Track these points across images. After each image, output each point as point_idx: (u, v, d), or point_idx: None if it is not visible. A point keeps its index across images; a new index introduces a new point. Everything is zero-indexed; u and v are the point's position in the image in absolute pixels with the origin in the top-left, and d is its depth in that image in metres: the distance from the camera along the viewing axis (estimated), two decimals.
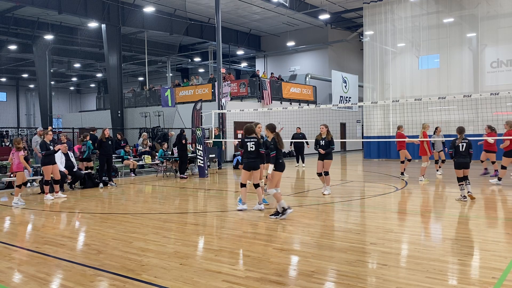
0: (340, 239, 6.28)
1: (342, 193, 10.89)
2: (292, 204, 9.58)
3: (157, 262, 5.34)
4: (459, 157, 9.21)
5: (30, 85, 43.49)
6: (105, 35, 25.17)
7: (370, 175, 15.36)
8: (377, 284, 4.44)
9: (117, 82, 25.90)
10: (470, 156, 9.25)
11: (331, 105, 24.40)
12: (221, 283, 4.55)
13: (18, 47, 29.31)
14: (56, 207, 9.80)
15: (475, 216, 7.98)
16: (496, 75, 19.99)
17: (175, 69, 39.32)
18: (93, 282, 4.70)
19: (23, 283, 4.76)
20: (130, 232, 7.02)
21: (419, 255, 5.38)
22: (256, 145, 8.46)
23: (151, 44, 30.70)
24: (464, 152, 9.19)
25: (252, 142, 8.48)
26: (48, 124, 26.73)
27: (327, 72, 30.06)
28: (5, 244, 6.46)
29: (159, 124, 24.67)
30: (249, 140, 8.51)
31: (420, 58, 22.45)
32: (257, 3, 25.25)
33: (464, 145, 9.18)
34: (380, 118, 22.40)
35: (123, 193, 12.11)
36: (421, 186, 12.11)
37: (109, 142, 13.41)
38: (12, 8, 23.43)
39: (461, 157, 9.21)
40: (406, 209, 8.96)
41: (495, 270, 4.76)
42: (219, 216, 8.35)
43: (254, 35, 34.07)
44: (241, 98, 24.29)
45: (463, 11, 21.16)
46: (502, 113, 16.42)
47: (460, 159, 9.21)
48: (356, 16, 28.13)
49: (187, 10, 25.94)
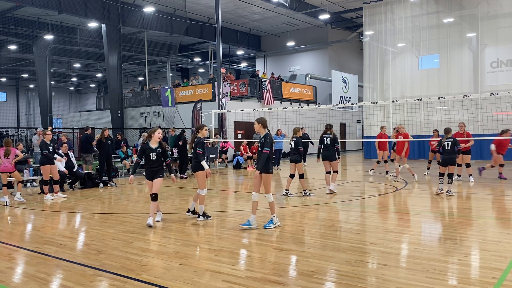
0: (340, 239, 6.28)
1: (342, 193, 10.89)
2: (292, 204, 9.60)
3: (157, 262, 5.34)
4: (446, 155, 10.07)
5: (30, 85, 43.47)
6: (105, 35, 25.16)
7: (370, 175, 15.35)
8: (377, 284, 4.43)
9: (117, 82, 25.88)
10: (457, 153, 10.07)
11: (331, 105, 24.40)
12: (221, 283, 4.54)
13: (18, 47, 29.29)
14: (56, 207, 9.80)
15: (475, 216, 7.98)
16: (496, 75, 19.98)
17: (175, 69, 39.31)
18: (93, 282, 4.70)
19: (23, 283, 4.76)
20: (130, 232, 7.02)
21: (419, 255, 5.38)
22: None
23: (151, 44, 30.68)
24: (449, 150, 9.97)
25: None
26: (48, 124, 26.71)
27: (327, 72, 30.05)
28: (5, 244, 6.46)
29: (159, 124, 24.66)
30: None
31: (420, 58, 22.44)
32: (257, 3, 25.24)
33: (450, 143, 9.97)
34: (380, 118, 22.38)
35: (123, 193, 12.10)
36: (421, 186, 12.11)
37: (108, 142, 13.39)
38: (12, 8, 23.42)
39: (447, 154, 10.01)
40: (406, 209, 8.96)
41: (495, 270, 4.76)
42: (219, 216, 8.35)
43: (254, 35, 34.07)
44: (241, 98, 24.29)
45: (463, 11, 21.15)
46: (502, 113, 16.42)
47: (446, 156, 10.03)
48: (356, 16, 28.12)
49: (187, 10, 25.92)
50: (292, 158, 10.46)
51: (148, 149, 7.61)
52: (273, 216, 7.13)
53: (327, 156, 10.62)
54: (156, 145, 7.65)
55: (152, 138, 7.63)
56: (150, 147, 7.62)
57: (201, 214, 7.91)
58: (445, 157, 10.03)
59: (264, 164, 6.97)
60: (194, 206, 8.16)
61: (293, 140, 10.38)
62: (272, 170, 7.10)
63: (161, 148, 7.65)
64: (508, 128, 13.01)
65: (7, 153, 10.28)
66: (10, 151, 10.33)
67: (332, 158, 10.57)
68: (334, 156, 10.58)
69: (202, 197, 7.90)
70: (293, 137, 10.42)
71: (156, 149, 7.61)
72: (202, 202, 7.92)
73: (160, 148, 7.64)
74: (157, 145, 7.65)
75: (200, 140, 7.91)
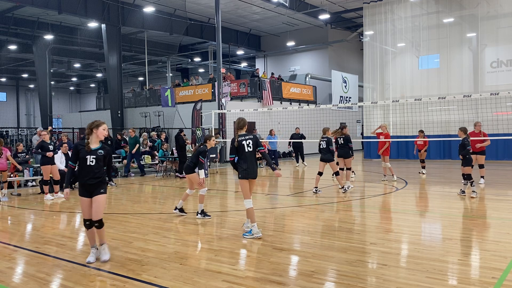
0: (340, 239, 6.28)
1: (342, 193, 10.88)
2: (292, 203, 9.60)
3: (157, 262, 5.34)
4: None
5: (30, 85, 43.45)
6: (105, 35, 25.16)
7: (370, 175, 15.35)
8: (377, 284, 4.43)
9: (117, 82, 25.88)
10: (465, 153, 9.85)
11: (331, 105, 24.38)
12: (221, 283, 4.54)
13: (18, 47, 29.28)
14: (56, 207, 9.80)
15: (475, 216, 7.98)
16: (496, 75, 19.99)
17: (175, 69, 39.29)
18: (93, 282, 4.70)
19: (23, 283, 4.76)
20: (130, 232, 7.02)
21: (419, 255, 5.38)
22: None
23: (151, 44, 30.69)
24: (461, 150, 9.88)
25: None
26: (48, 124, 26.70)
27: (327, 72, 30.05)
28: (5, 244, 6.46)
29: (159, 124, 24.67)
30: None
31: (420, 58, 22.45)
32: (257, 3, 25.24)
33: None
34: (380, 118, 22.38)
35: (123, 193, 12.10)
36: (421, 186, 12.11)
37: (108, 142, 13.39)
38: (12, 8, 23.42)
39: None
40: (406, 209, 8.96)
41: (495, 270, 4.76)
42: (219, 216, 8.35)
43: (254, 35, 34.07)
44: (241, 98, 24.29)
45: (463, 11, 21.16)
46: (502, 113, 16.42)
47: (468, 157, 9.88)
48: (356, 16, 28.13)
49: (187, 10, 25.93)
50: (323, 157, 10.74)
51: (84, 149, 5.38)
52: (253, 225, 6.48)
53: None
54: (98, 145, 5.48)
55: (94, 135, 5.46)
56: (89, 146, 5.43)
57: (200, 212, 7.98)
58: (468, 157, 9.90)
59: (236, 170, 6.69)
60: (181, 204, 8.32)
61: (323, 140, 10.74)
62: (242, 176, 6.53)
63: (103, 151, 5.48)
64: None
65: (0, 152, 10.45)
66: (2, 150, 10.47)
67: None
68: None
69: (201, 196, 7.98)
70: (323, 137, 10.81)
71: (96, 151, 5.41)
72: (202, 201, 8.00)
73: (102, 150, 5.46)
74: (98, 145, 5.48)
75: (205, 150, 8.01)
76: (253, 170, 6.60)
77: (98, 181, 5.35)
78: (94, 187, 5.33)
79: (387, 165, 13.11)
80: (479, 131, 11.87)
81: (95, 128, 5.42)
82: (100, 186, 5.36)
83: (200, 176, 7.85)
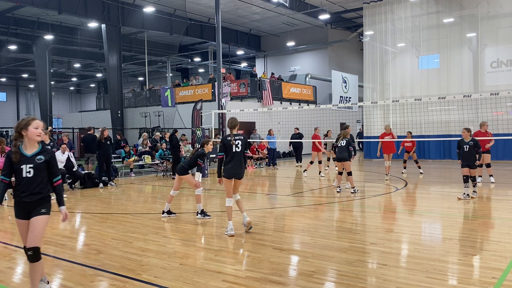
0: (340, 239, 6.28)
1: (342, 193, 10.89)
2: (292, 203, 9.60)
3: (157, 262, 5.34)
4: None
5: (30, 85, 43.43)
6: (105, 35, 25.16)
7: (370, 175, 15.35)
8: (377, 284, 4.43)
9: (117, 82, 25.87)
10: (478, 154, 9.39)
11: (331, 105, 24.37)
12: (221, 283, 4.54)
13: (18, 47, 29.27)
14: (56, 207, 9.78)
15: (475, 216, 7.98)
16: (496, 75, 19.99)
17: (175, 69, 39.28)
18: (93, 282, 4.70)
19: (23, 283, 4.76)
20: (130, 232, 7.02)
21: (419, 255, 5.38)
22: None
23: (151, 44, 30.68)
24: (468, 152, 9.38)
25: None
26: (48, 124, 26.68)
27: (327, 72, 30.04)
28: (5, 244, 6.46)
29: (159, 124, 24.66)
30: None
31: (420, 58, 22.44)
32: (257, 3, 25.23)
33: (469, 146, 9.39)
34: (380, 118, 22.38)
35: (123, 193, 12.10)
36: (421, 186, 12.11)
37: (107, 143, 13.39)
38: (12, 8, 23.41)
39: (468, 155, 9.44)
40: (406, 209, 8.96)
41: (495, 270, 4.76)
42: (219, 216, 8.35)
43: (254, 35, 34.06)
44: (241, 98, 24.29)
45: (463, 11, 21.15)
46: (502, 113, 16.42)
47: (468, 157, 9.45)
48: (356, 16, 28.12)
49: (187, 10, 25.92)
50: (339, 156, 10.91)
51: (18, 157, 3.96)
52: (229, 223, 6.64)
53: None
54: (36, 149, 4.04)
55: (25, 138, 4.01)
56: (23, 153, 3.99)
57: (200, 212, 8.00)
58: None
59: (218, 170, 6.82)
60: (168, 207, 8.25)
61: (345, 139, 10.91)
62: (226, 175, 6.68)
63: (44, 155, 4.03)
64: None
65: (2, 151, 10.42)
66: (5, 149, 10.45)
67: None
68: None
69: (198, 196, 8.02)
70: (343, 137, 10.96)
71: (34, 157, 4.00)
72: (199, 200, 8.03)
73: (42, 155, 4.03)
74: (36, 150, 4.04)
75: (204, 153, 8.09)
76: (238, 170, 6.71)
77: (38, 197, 4.01)
78: (33, 205, 4.00)
79: (388, 163, 13.19)
80: (485, 131, 11.84)
81: (24, 129, 3.95)
82: (40, 204, 4.03)
83: (196, 179, 7.96)
